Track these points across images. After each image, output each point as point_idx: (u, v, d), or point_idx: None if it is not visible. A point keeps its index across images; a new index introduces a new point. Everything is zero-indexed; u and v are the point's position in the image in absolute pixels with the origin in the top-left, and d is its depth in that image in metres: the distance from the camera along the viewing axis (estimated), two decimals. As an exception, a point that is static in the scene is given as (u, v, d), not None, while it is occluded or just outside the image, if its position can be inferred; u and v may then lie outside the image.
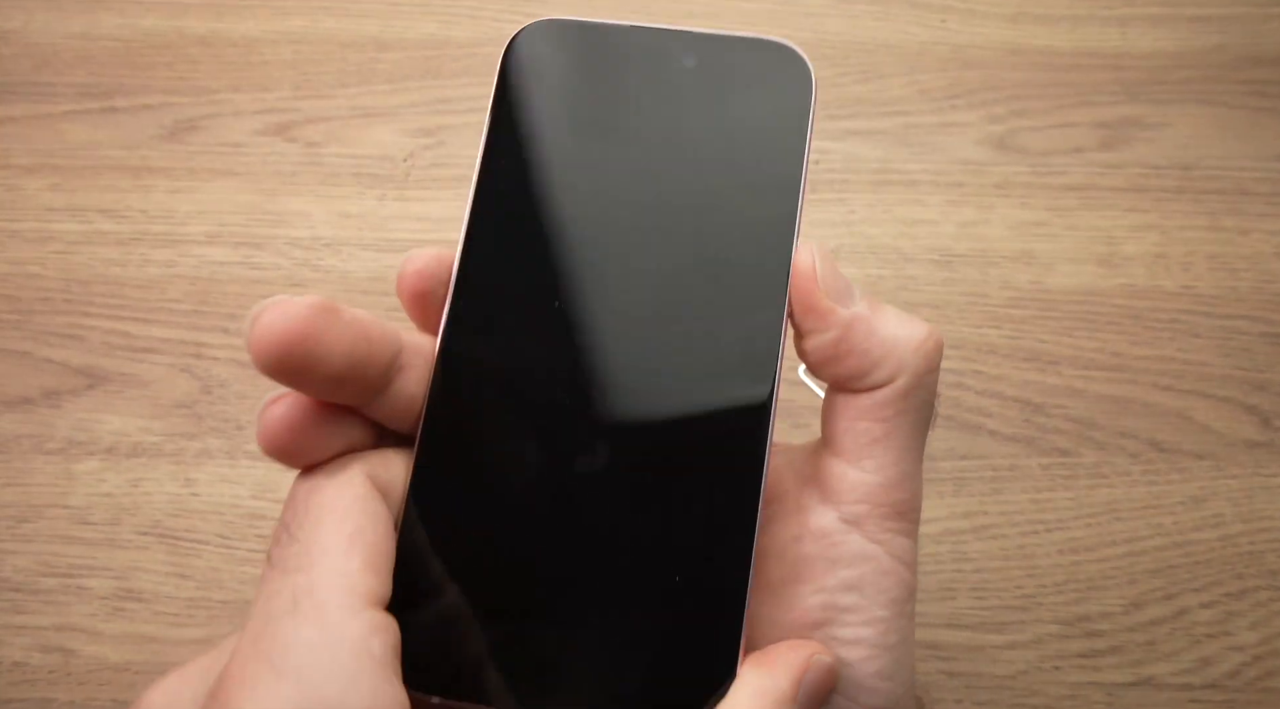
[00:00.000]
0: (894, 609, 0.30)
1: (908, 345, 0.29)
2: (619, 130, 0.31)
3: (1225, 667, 0.46)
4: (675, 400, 0.30)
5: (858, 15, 0.55)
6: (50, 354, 0.49)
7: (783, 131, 0.31)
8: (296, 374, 0.26)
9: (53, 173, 0.52)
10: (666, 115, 0.31)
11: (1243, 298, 0.51)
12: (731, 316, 0.30)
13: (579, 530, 0.29)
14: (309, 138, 0.53)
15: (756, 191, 0.31)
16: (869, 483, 0.30)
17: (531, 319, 0.30)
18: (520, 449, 0.30)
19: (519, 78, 0.32)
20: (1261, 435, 0.49)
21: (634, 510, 0.29)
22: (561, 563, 0.29)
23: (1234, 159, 0.53)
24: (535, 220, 0.31)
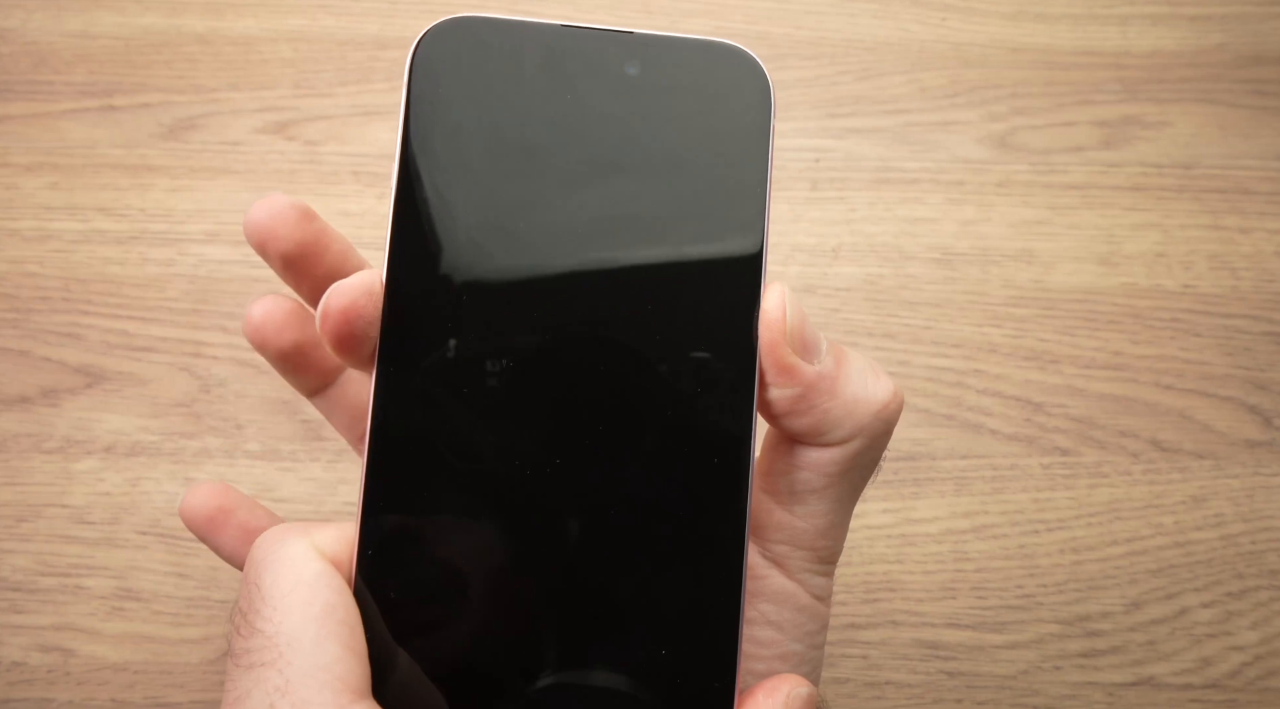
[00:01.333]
0: (807, 642, 0.30)
1: (868, 409, 0.28)
2: (549, 149, 0.27)
3: (1226, 666, 0.46)
4: (641, 448, 0.28)
5: (857, 13, 0.55)
6: (49, 353, 0.49)
7: (740, 148, 0.28)
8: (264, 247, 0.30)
9: (51, 171, 0.52)
10: (609, 129, 0.28)
11: (1244, 297, 0.51)
12: (698, 361, 0.28)
13: (557, 590, 0.27)
14: (308, 136, 0.52)
15: (715, 216, 0.28)
16: (797, 528, 0.30)
17: (480, 367, 0.27)
18: (477, 504, 0.27)
19: (431, 86, 0.28)
20: (1263, 435, 0.49)
21: (617, 562, 0.27)
22: (542, 621, 0.27)
23: (1235, 158, 0.53)
24: (471, 255, 0.27)
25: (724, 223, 0.28)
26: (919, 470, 0.48)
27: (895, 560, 0.47)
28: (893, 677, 0.46)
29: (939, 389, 0.49)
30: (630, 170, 0.28)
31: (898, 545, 0.47)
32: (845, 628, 0.46)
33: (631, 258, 0.27)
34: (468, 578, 0.27)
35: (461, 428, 0.27)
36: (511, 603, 0.27)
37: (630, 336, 0.27)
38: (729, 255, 0.28)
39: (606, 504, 0.27)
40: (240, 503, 0.34)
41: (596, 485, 0.27)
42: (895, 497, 0.48)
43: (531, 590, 0.27)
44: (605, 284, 0.27)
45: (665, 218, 0.28)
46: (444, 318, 0.27)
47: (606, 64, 0.28)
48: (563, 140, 0.28)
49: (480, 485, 0.27)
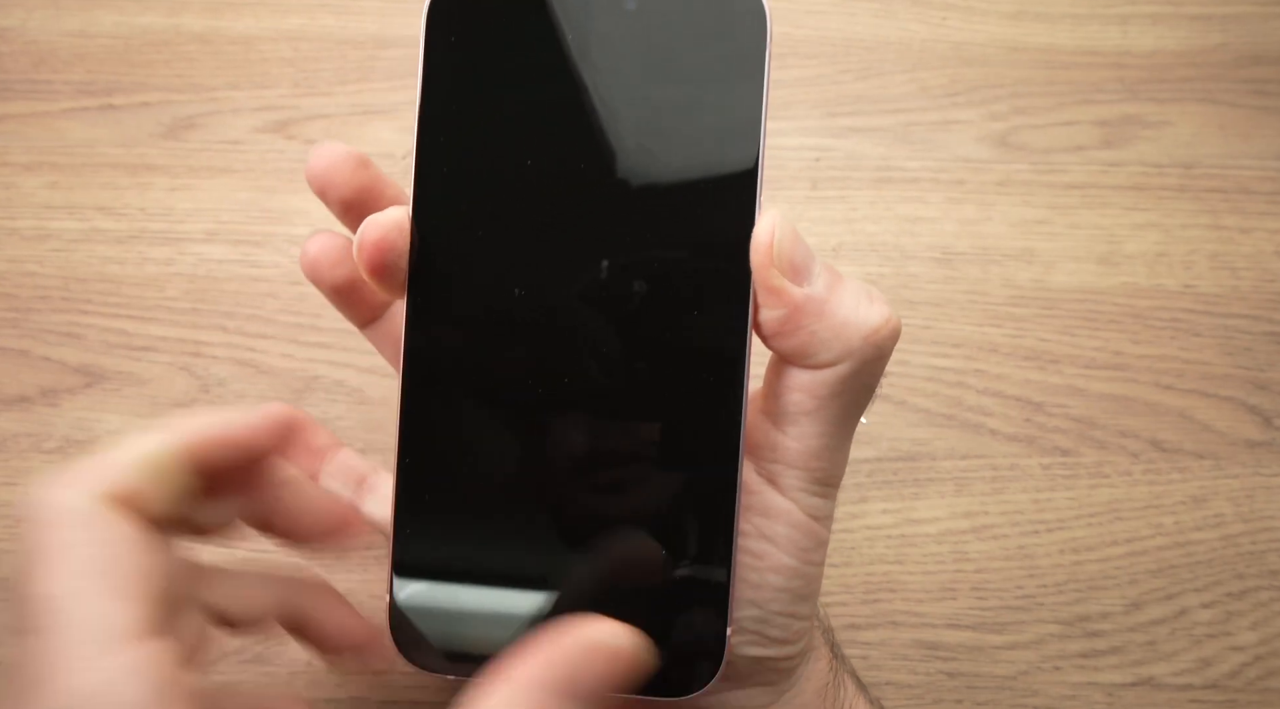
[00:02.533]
0: (801, 558, 0.32)
1: (858, 332, 0.29)
2: (556, 88, 0.29)
3: (1226, 667, 0.46)
4: (645, 374, 0.30)
5: (858, 12, 0.55)
6: (48, 352, 0.49)
7: (737, 76, 0.29)
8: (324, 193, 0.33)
9: (51, 171, 0.52)
10: (611, 63, 0.29)
11: (1244, 297, 0.51)
12: (697, 280, 0.29)
13: (564, 503, 0.30)
14: (308, 135, 0.52)
15: (713, 142, 0.29)
16: (789, 448, 0.31)
17: (497, 291, 0.30)
18: (501, 431, 0.30)
19: (445, 33, 0.30)
20: (1263, 435, 0.49)
21: (617, 487, 0.30)
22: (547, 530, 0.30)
23: (1236, 158, 0.53)
24: (487, 186, 0.30)
25: (722, 148, 0.29)
26: (919, 471, 0.48)
27: (895, 561, 0.47)
28: (893, 677, 0.46)
29: (939, 389, 0.49)
30: (633, 103, 0.29)
31: (898, 546, 0.47)
32: (845, 628, 0.46)
33: (637, 186, 0.29)
34: (489, 482, 0.30)
35: (481, 347, 0.30)
36: (526, 499, 0.30)
37: (636, 258, 0.29)
38: (726, 179, 0.29)
39: (612, 412, 0.30)
40: (306, 423, 0.36)
41: (604, 396, 0.30)
42: (895, 497, 0.48)
43: (542, 487, 0.30)
44: (612, 210, 0.29)
45: (667, 147, 0.29)
46: (463, 247, 0.30)
47: (605, 4, 0.29)
48: (567, 79, 0.29)
49: (500, 398, 0.30)
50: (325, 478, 0.38)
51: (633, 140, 0.29)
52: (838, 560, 0.47)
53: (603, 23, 0.29)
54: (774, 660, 0.33)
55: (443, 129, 0.30)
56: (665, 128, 0.29)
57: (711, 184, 0.29)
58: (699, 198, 0.29)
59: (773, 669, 0.33)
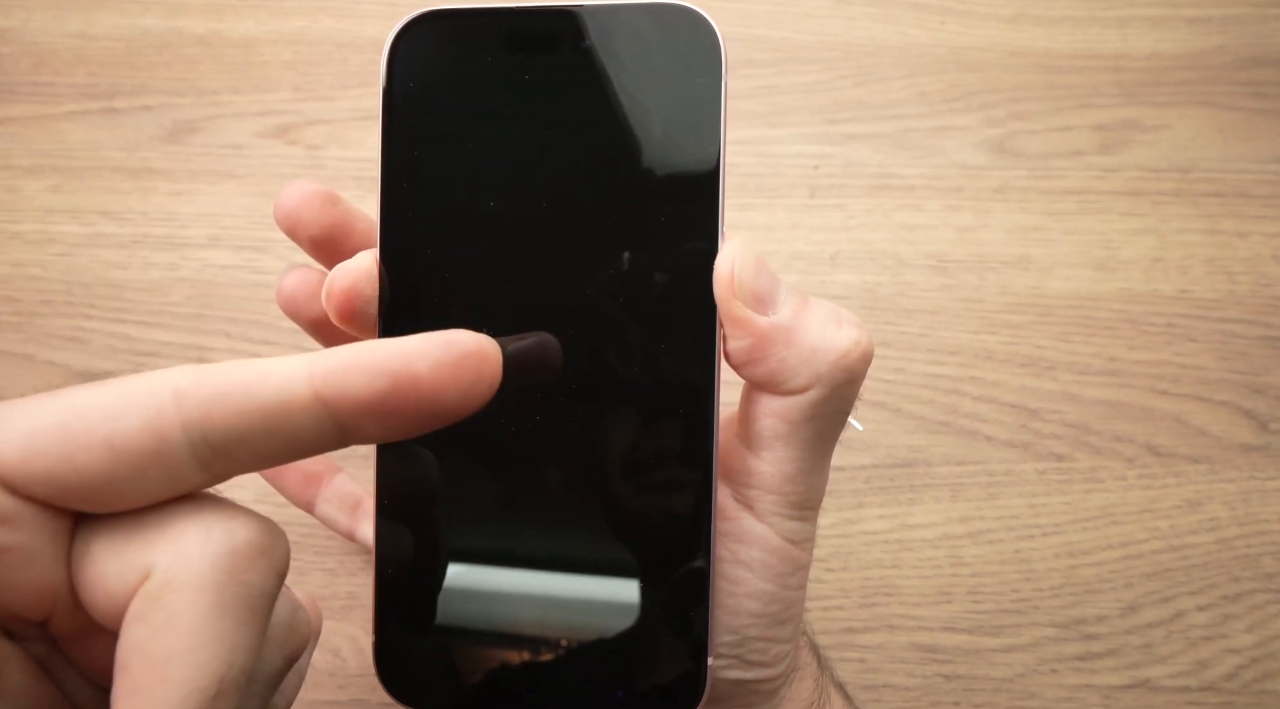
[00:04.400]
0: (777, 582, 0.31)
1: (826, 358, 0.29)
2: (517, 127, 0.30)
3: (1221, 669, 0.47)
4: (614, 406, 0.30)
5: (856, 17, 0.55)
6: (52, 357, 0.49)
7: (696, 105, 0.29)
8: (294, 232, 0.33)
9: (53, 174, 0.52)
10: (570, 98, 0.29)
11: (1240, 301, 0.51)
12: (664, 312, 0.29)
13: (536, 537, 0.30)
14: (309, 140, 0.53)
15: (673, 171, 0.29)
16: (764, 473, 0.31)
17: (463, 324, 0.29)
18: (475, 468, 0.30)
19: (408, 77, 0.30)
20: (1258, 439, 0.50)
21: (591, 520, 0.30)
22: (520, 566, 0.30)
23: (1233, 161, 0.53)
24: (451, 226, 0.30)
25: (682, 178, 0.29)
26: (915, 476, 0.49)
27: (892, 565, 0.48)
28: (890, 680, 0.46)
29: (935, 396, 0.50)
30: (592, 137, 0.29)
31: (894, 550, 0.48)
32: (842, 631, 0.47)
33: (600, 220, 0.29)
34: (467, 521, 0.30)
35: None
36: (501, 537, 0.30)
37: (601, 292, 0.29)
38: (688, 209, 0.29)
39: (584, 447, 0.30)
40: None
41: (575, 431, 0.30)
42: (892, 502, 0.48)
43: (517, 523, 0.30)
44: (576, 244, 0.29)
45: (629, 179, 0.29)
46: (431, 288, 0.30)
47: (561, 37, 0.29)
48: (528, 117, 0.30)
49: (474, 434, 0.30)
50: (322, 504, 0.38)
51: (595, 174, 0.29)
52: (835, 565, 0.48)
53: (560, 58, 0.29)
54: (754, 683, 0.33)
55: (406, 173, 0.30)
56: (626, 160, 0.29)
57: (673, 215, 0.29)
58: (662, 230, 0.29)
59: (753, 692, 0.33)
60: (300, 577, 0.47)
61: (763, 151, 0.52)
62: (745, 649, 0.32)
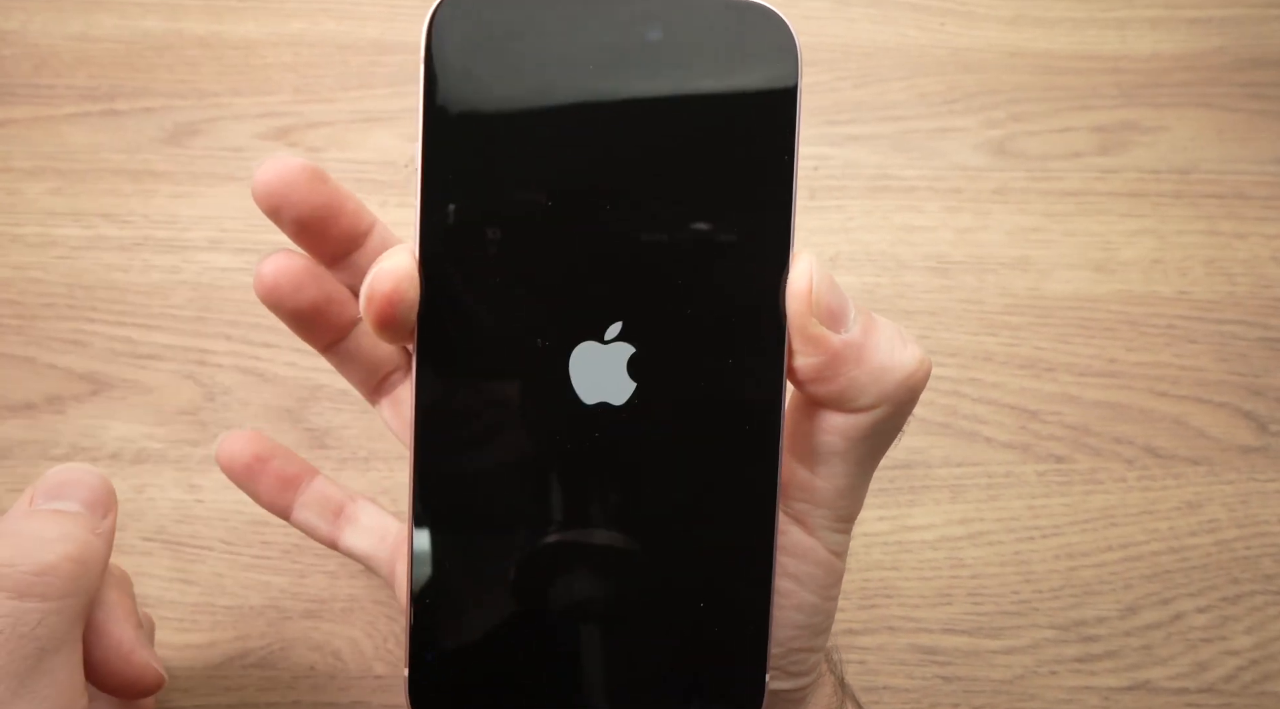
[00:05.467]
0: (822, 595, 0.32)
1: (894, 377, 0.29)
2: (572, 120, 0.27)
3: (1221, 671, 0.47)
4: (677, 420, 0.28)
5: (856, 19, 0.55)
6: (54, 360, 0.49)
7: (766, 112, 0.27)
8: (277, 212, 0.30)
9: (54, 176, 0.52)
10: (630, 97, 0.27)
11: (1239, 302, 0.51)
12: (728, 328, 0.28)
13: (596, 556, 0.28)
14: (310, 142, 0.53)
15: (742, 182, 0.27)
16: (819, 488, 0.31)
17: (515, 344, 0.28)
18: (524, 488, 0.28)
19: (449, 58, 0.27)
20: (1257, 440, 0.50)
21: (653, 539, 0.28)
22: (579, 586, 0.28)
23: (1232, 163, 0.53)
24: (499, 230, 0.27)
25: (751, 189, 0.28)
26: (915, 478, 0.49)
27: (892, 567, 0.48)
28: (890, 682, 0.47)
29: (935, 397, 0.50)
30: (654, 139, 0.27)
31: (894, 552, 0.48)
32: (842, 633, 0.47)
33: (660, 230, 0.27)
34: (511, 545, 0.28)
35: (499, 404, 0.28)
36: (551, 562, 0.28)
37: (663, 308, 0.28)
38: (757, 222, 0.28)
39: (647, 468, 0.28)
40: (275, 451, 0.35)
41: (637, 452, 0.28)
42: (891, 504, 0.48)
43: (569, 547, 0.29)
44: (635, 259, 0.27)
45: (692, 188, 0.27)
46: (477, 297, 0.27)
47: (627, 28, 0.27)
48: (585, 110, 0.27)
49: (523, 453, 0.28)
50: (300, 510, 0.36)
51: (659, 175, 0.27)
52: (835, 566, 0.48)
53: (624, 51, 0.27)
54: (790, 693, 0.33)
55: (450, 164, 0.27)
56: (693, 162, 0.27)
57: (743, 223, 0.27)
58: (728, 242, 0.27)
59: (787, 701, 0.33)
60: (301, 579, 0.47)
61: (763, 153, 0.52)
62: (788, 660, 0.32)
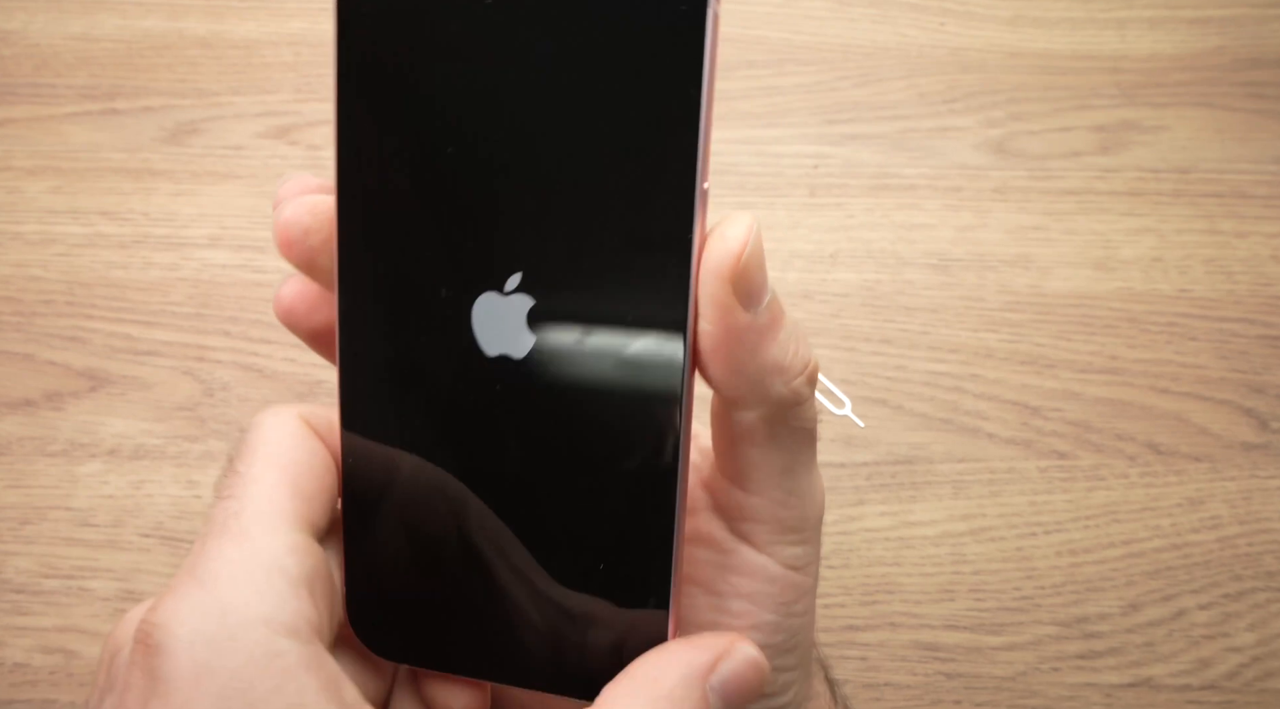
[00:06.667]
0: (781, 611, 0.31)
1: (776, 376, 0.28)
2: (485, 70, 0.27)
3: (1223, 668, 0.47)
4: (581, 371, 0.28)
5: (856, 19, 0.55)
6: (53, 356, 0.49)
7: (672, 55, 0.26)
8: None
9: (54, 175, 0.52)
10: (536, 47, 0.27)
11: (1240, 300, 0.51)
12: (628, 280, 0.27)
13: (507, 498, 0.29)
14: (310, 141, 0.53)
15: (647, 128, 0.26)
16: (752, 503, 0.30)
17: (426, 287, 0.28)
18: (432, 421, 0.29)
19: (360, 20, 0.27)
20: (1259, 437, 0.50)
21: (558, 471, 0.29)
22: (492, 534, 0.29)
23: (1231, 162, 0.53)
24: (406, 182, 0.28)
25: (654, 138, 0.27)
26: (917, 474, 0.49)
27: (893, 563, 0.47)
28: (891, 678, 0.46)
29: (936, 394, 0.50)
30: (557, 89, 0.27)
31: (896, 548, 0.48)
32: (844, 630, 0.47)
33: (562, 181, 0.27)
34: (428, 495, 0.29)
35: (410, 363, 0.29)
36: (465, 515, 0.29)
37: (563, 261, 0.28)
38: (660, 173, 0.27)
39: (546, 419, 0.28)
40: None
41: (537, 403, 0.28)
42: (893, 500, 0.48)
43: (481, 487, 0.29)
44: (537, 210, 0.27)
45: (595, 137, 0.27)
46: (387, 256, 0.29)
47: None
48: (487, 62, 0.27)
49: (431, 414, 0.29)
50: None
51: (558, 132, 0.27)
52: (836, 562, 0.47)
53: (532, 13, 0.27)
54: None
55: (359, 124, 0.28)
56: (594, 115, 0.27)
57: (643, 177, 0.27)
58: (629, 193, 0.27)
59: None
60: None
61: (763, 151, 0.52)
62: None
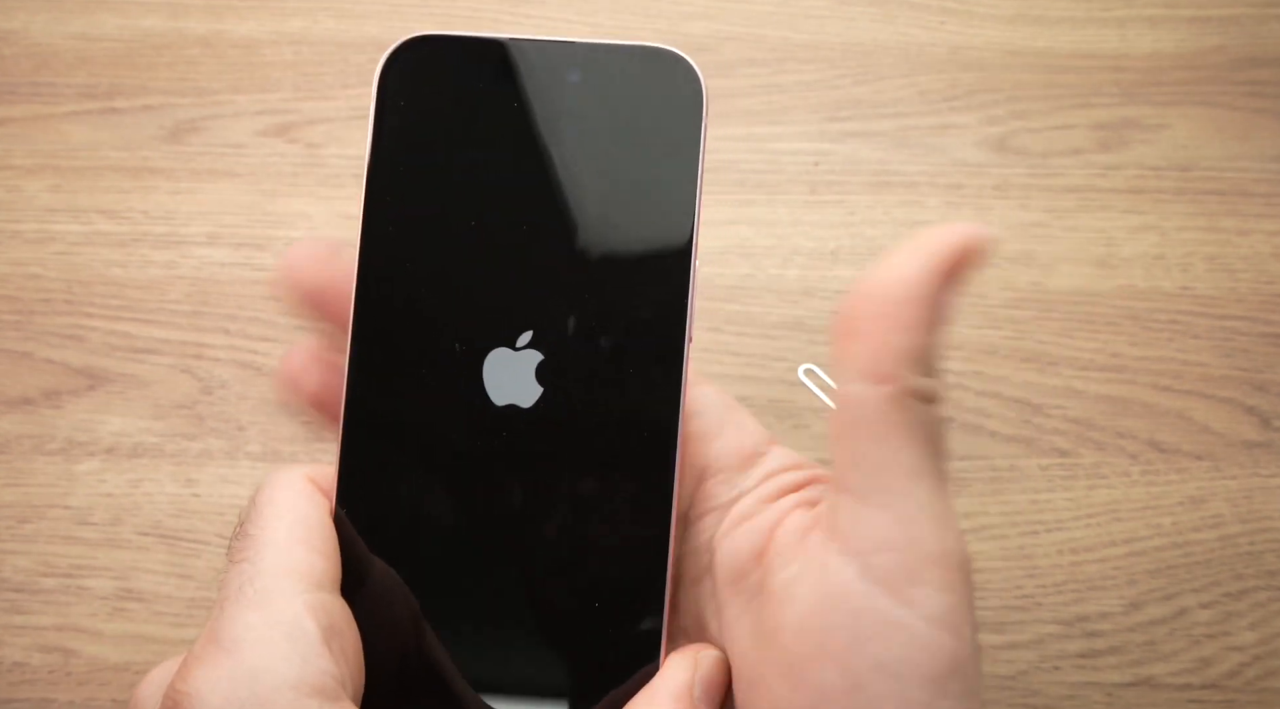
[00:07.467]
0: (932, 689, 0.25)
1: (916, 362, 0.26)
2: (507, 151, 0.30)
3: (1224, 667, 0.46)
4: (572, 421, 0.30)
5: (856, 17, 0.55)
6: (51, 354, 0.49)
7: (673, 146, 0.30)
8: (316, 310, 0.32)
9: (53, 174, 0.52)
10: (554, 132, 0.30)
11: (1241, 298, 0.51)
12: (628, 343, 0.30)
13: (502, 537, 0.30)
14: (309, 139, 0.53)
15: (649, 212, 0.30)
16: (882, 524, 0.25)
17: (434, 342, 0.30)
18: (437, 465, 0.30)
19: (399, 99, 0.31)
20: (1260, 436, 0.49)
21: (552, 515, 0.30)
22: (488, 566, 0.30)
23: (1232, 160, 0.53)
24: (428, 247, 0.31)
25: (656, 220, 0.30)
26: (918, 471, 0.48)
27: (894, 561, 0.47)
28: (892, 677, 0.46)
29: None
30: (571, 172, 0.30)
31: (897, 546, 0.47)
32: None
33: (572, 254, 0.30)
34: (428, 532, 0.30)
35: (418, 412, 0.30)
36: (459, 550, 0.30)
37: (570, 322, 0.30)
38: (659, 251, 0.30)
39: (550, 463, 0.30)
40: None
41: (541, 448, 0.30)
42: (894, 498, 0.48)
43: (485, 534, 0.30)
44: (548, 278, 0.30)
45: (602, 217, 0.30)
46: (406, 312, 0.30)
47: (551, 72, 0.30)
48: (513, 147, 0.30)
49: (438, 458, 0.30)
50: None
51: (569, 211, 0.30)
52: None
53: (548, 93, 0.30)
54: None
55: (388, 192, 0.31)
56: (601, 197, 0.30)
57: (644, 253, 0.30)
58: (631, 267, 0.30)
59: None
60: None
61: (763, 148, 0.52)
62: None
